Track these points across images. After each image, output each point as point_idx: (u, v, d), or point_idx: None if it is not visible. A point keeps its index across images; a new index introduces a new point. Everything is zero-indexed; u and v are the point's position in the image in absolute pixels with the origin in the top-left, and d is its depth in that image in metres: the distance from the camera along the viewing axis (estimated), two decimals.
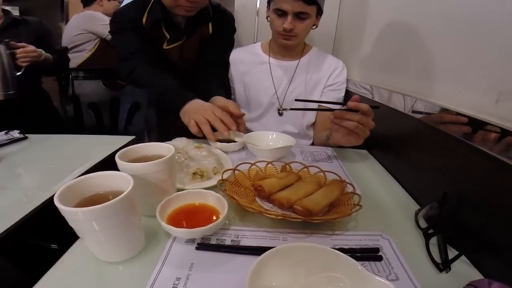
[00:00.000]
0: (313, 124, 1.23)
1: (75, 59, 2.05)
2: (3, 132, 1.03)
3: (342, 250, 0.49)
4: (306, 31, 1.08)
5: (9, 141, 0.98)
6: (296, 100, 0.84)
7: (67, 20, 2.70)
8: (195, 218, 0.53)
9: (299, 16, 1.01)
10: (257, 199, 0.63)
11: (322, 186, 0.65)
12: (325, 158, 0.90)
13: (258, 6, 1.50)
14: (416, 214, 0.60)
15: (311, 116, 1.20)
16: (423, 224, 0.58)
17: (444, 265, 0.48)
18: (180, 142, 0.81)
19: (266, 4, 1.12)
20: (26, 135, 1.03)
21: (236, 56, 1.25)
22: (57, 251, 0.67)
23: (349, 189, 0.65)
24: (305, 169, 0.73)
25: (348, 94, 1.19)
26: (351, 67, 1.22)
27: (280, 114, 1.19)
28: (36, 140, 1.03)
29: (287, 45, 1.12)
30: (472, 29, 0.61)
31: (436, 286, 0.45)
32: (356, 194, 0.62)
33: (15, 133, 1.03)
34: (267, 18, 1.12)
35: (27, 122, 1.14)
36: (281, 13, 1.02)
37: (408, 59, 0.86)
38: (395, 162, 0.82)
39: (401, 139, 0.84)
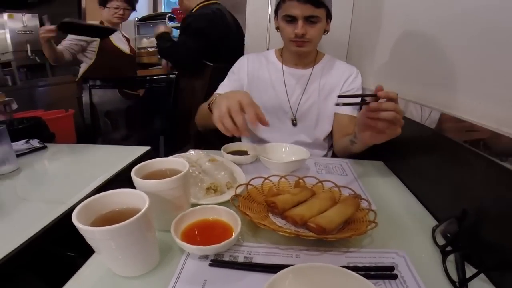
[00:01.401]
0: (331, 133, 1.20)
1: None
2: (24, 141, 1.06)
3: (356, 268, 0.49)
4: (319, 36, 1.06)
5: (29, 150, 1.01)
6: (339, 96, 0.81)
7: None
8: (209, 233, 0.53)
9: (309, 20, 0.99)
10: (270, 215, 0.63)
11: (337, 202, 0.64)
12: (340, 171, 0.89)
13: (269, 12, 1.50)
14: (434, 230, 0.59)
15: (326, 127, 1.18)
16: (441, 241, 0.56)
17: (461, 284, 0.47)
18: (194, 154, 0.82)
19: (274, 14, 1.11)
20: (46, 144, 1.06)
21: (250, 61, 1.23)
22: (74, 258, 0.69)
23: (364, 204, 0.64)
24: (319, 183, 0.73)
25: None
26: (364, 75, 1.20)
27: (294, 125, 1.18)
28: (55, 149, 1.06)
29: (301, 52, 1.10)
30: (493, 36, 0.59)
31: None
32: (372, 210, 0.61)
33: (35, 142, 1.06)
34: (276, 28, 1.11)
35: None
36: (291, 19, 1.01)
37: (424, 68, 0.84)
38: (412, 175, 0.80)
39: (418, 151, 0.82)
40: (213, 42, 1.81)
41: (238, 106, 0.79)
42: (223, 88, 1.21)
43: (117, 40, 2.20)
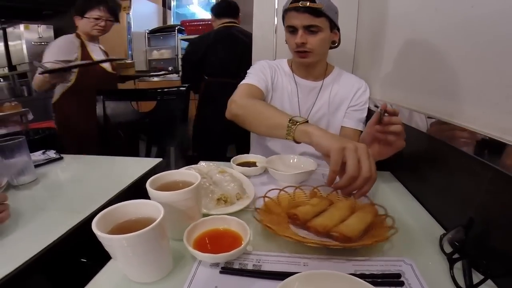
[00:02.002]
0: None
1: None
2: (41, 152, 1.10)
3: (363, 275, 0.50)
4: (321, 46, 1.06)
5: (46, 161, 1.04)
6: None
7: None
8: (219, 242, 0.55)
9: (309, 29, 1.01)
10: (291, 226, 0.64)
11: (355, 211, 0.65)
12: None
13: (276, 23, 1.51)
14: (441, 238, 0.60)
15: None
16: (448, 249, 0.57)
17: None
18: (205, 166, 0.85)
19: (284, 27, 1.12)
20: (62, 155, 1.10)
21: (272, 67, 1.19)
22: (86, 265, 0.71)
23: (381, 211, 0.66)
24: (335, 192, 0.75)
25: (369, 113, 1.18)
26: (371, 85, 1.21)
27: None
28: (71, 160, 1.09)
29: (304, 64, 1.11)
30: (497, 47, 0.59)
31: None
32: (389, 216, 0.62)
33: (51, 153, 1.10)
34: (286, 41, 1.12)
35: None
36: (292, 30, 1.03)
37: (429, 77, 0.84)
38: (419, 184, 0.81)
39: (425, 161, 0.82)
40: (196, 59, 2.14)
41: (370, 172, 0.61)
42: (257, 78, 1.13)
43: (98, 54, 1.86)
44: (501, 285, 0.49)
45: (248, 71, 1.19)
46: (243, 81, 1.13)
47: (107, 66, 1.87)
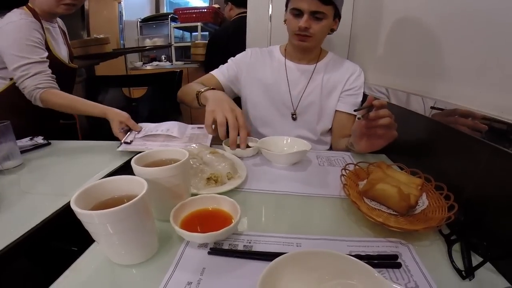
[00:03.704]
0: (330, 130, 1.21)
1: None
2: (28, 138, 1.07)
3: (359, 256, 0.48)
4: (322, 32, 1.07)
5: (33, 146, 1.01)
6: (355, 110, 0.84)
7: (88, 29, 2.78)
8: (209, 223, 0.53)
9: (315, 15, 1.00)
10: (364, 199, 0.64)
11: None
12: (342, 163, 0.88)
13: (270, 12, 1.49)
14: None
15: (327, 122, 1.19)
16: (445, 230, 0.55)
17: (467, 273, 0.46)
18: (196, 147, 0.82)
19: (285, 7, 1.11)
20: (50, 141, 1.06)
21: (253, 54, 1.24)
22: (77, 253, 0.69)
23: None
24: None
25: (365, 98, 1.17)
26: (366, 70, 1.20)
27: (294, 119, 1.18)
28: (59, 145, 1.06)
29: (302, 47, 1.10)
30: (492, 28, 0.59)
31: None
32: (448, 193, 0.60)
33: (39, 139, 1.07)
34: (284, 21, 1.11)
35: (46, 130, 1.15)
36: (298, 13, 1.02)
37: (426, 60, 0.83)
38: (415, 166, 0.79)
39: (421, 143, 0.81)
40: (226, 49, 2.06)
41: (236, 122, 0.83)
42: (221, 70, 1.25)
43: (57, 42, 1.32)
44: (501, 267, 0.47)
45: (229, 59, 1.28)
46: (214, 71, 1.26)
47: (64, 54, 1.37)
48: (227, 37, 2.09)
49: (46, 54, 1.17)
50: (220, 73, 1.24)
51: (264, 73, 1.20)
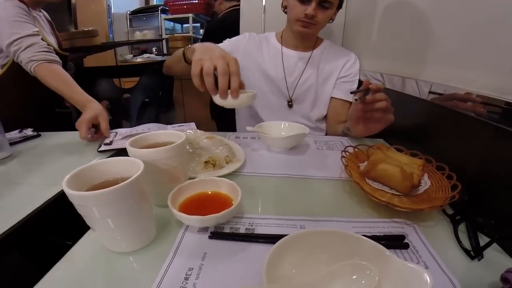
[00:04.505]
0: (325, 117, 1.20)
1: None
2: (17, 131, 1.03)
3: (365, 237, 0.47)
4: (325, 21, 1.06)
5: (22, 138, 0.98)
6: (351, 92, 0.81)
7: (75, 23, 2.70)
8: (208, 206, 0.50)
9: (322, 4, 0.99)
10: (367, 180, 0.62)
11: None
12: (341, 147, 0.87)
13: (264, 3, 1.47)
14: None
15: (322, 109, 1.18)
16: (449, 211, 0.54)
17: (475, 253, 0.45)
18: (192, 133, 0.79)
19: None
20: (40, 133, 1.03)
21: (250, 39, 1.21)
22: (71, 247, 0.67)
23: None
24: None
25: (360, 85, 1.16)
26: (361, 56, 1.20)
27: (290, 106, 1.17)
28: (49, 137, 1.03)
29: (304, 33, 1.09)
30: (490, 11, 0.58)
31: (469, 275, 0.42)
32: (450, 173, 0.59)
33: (29, 131, 1.04)
34: (284, 7, 1.10)
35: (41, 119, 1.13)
36: (305, 0, 1.00)
37: (421, 44, 0.82)
38: (414, 149, 0.78)
39: (419, 126, 0.80)
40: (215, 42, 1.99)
41: (226, 68, 0.71)
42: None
43: (43, 28, 1.32)
44: (508, 247, 0.46)
45: (226, 40, 1.23)
46: None
47: (53, 42, 1.35)
48: (224, 29, 2.04)
49: (37, 29, 1.15)
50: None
51: (261, 58, 1.18)
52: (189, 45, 0.89)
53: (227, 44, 1.22)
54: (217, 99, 0.73)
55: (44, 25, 1.32)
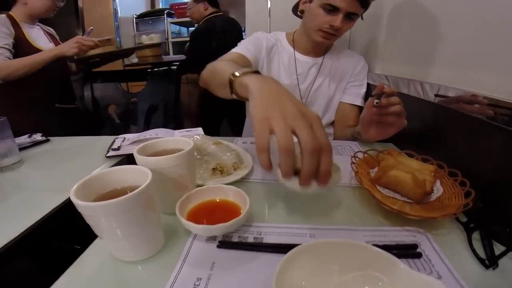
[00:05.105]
0: (332, 122, 1.19)
1: None
2: (26, 135, 1.05)
3: (376, 246, 0.46)
4: (346, 32, 1.03)
5: (31, 143, 0.99)
6: (371, 96, 0.78)
7: (83, 27, 2.73)
8: (216, 215, 0.50)
9: (349, 16, 0.95)
10: (377, 186, 0.61)
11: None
12: (350, 153, 0.86)
13: (269, 6, 1.45)
14: None
15: (331, 115, 1.17)
16: (463, 218, 0.53)
17: (490, 262, 0.43)
18: (199, 139, 0.79)
19: None
20: (49, 137, 1.04)
21: (269, 38, 1.13)
22: (80, 252, 0.68)
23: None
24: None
25: (369, 88, 1.16)
26: (368, 59, 1.18)
27: None
28: (58, 142, 1.04)
29: (323, 44, 1.06)
30: (503, 12, 0.57)
31: (483, 284, 0.41)
32: (463, 180, 0.57)
33: (38, 136, 1.05)
34: (300, 11, 1.05)
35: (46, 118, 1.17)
36: (332, 9, 0.93)
37: (429, 46, 0.81)
38: (425, 154, 0.77)
39: (429, 130, 0.79)
40: (212, 47, 2.07)
41: (315, 141, 0.42)
42: (245, 46, 1.05)
43: (38, 38, 1.45)
44: None
45: (247, 39, 1.13)
46: (236, 48, 1.06)
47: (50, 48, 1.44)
48: (214, 33, 2.09)
49: (6, 42, 1.31)
50: (246, 49, 1.03)
51: (276, 64, 1.13)
52: (237, 72, 0.58)
53: (253, 39, 1.11)
54: (287, 181, 0.46)
55: (38, 36, 1.49)
